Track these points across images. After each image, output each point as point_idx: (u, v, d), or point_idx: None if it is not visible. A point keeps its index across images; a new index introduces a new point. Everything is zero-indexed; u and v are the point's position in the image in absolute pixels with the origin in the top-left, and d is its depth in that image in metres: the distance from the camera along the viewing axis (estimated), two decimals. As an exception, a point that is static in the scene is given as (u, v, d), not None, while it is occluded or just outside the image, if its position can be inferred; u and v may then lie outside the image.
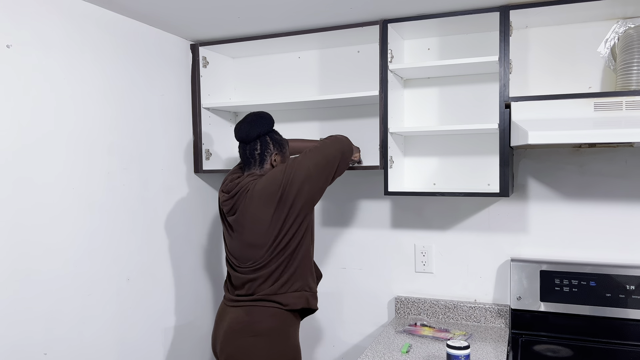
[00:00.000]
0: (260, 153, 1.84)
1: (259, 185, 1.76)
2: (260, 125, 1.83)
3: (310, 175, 1.73)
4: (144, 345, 2.05)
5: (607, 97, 1.72)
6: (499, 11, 1.85)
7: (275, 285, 1.76)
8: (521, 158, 2.11)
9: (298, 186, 1.72)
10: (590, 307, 1.94)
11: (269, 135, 1.85)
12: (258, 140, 1.84)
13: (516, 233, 2.13)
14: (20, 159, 1.57)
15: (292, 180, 1.72)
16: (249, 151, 1.85)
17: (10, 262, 1.54)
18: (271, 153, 1.85)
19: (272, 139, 1.85)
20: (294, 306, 1.76)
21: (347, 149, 1.85)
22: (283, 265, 1.76)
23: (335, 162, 1.80)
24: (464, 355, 1.54)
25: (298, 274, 1.78)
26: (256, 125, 1.83)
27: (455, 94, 2.17)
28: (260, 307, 1.76)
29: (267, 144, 1.84)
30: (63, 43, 1.71)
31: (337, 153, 1.81)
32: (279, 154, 1.87)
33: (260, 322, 1.75)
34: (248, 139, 1.84)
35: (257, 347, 1.74)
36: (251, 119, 1.85)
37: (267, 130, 1.85)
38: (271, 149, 1.85)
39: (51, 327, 1.67)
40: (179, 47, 2.27)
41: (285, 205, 1.72)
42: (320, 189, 1.76)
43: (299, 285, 1.78)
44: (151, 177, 2.09)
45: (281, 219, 1.73)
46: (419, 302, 2.25)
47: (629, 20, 1.91)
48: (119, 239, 1.93)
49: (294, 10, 1.92)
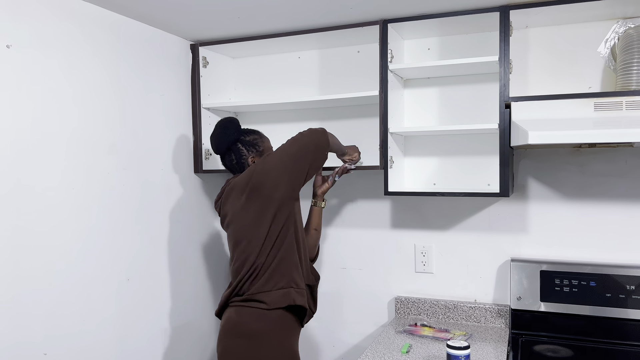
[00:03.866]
0: (237, 161, 1.88)
1: (234, 181, 1.81)
2: (226, 135, 1.86)
3: (286, 167, 1.74)
4: (144, 345, 2.05)
5: (607, 97, 1.72)
6: (499, 11, 1.85)
7: (260, 283, 1.75)
8: (521, 158, 2.11)
9: (273, 177, 1.73)
10: (590, 307, 1.94)
11: (238, 141, 1.88)
12: (230, 150, 1.88)
13: (516, 233, 2.13)
14: (20, 159, 1.57)
15: (265, 171, 1.73)
16: (227, 162, 1.91)
17: (10, 263, 1.54)
18: (247, 157, 1.88)
19: (243, 144, 1.88)
20: (280, 304, 1.73)
21: (322, 139, 1.83)
22: (267, 262, 1.75)
23: (309, 153, 1.78)
24: (464, 356, 1.54)
25: (282, 269, 1.76)
26: (222, 137, 1.86)
27: (455, 94, 2.17)
28: (247, 307, 1.76)
29: (239, 151, 1.88)
30: (63, 43, 1.71)
31: (311, 143, 1.80)
32: (256, 155, 1.89)
33: (247, 323, 1.74)
34: (219, 151, 1.90)
35: (244, 349, 1.72)
36: (217, 130, 1.89)
37: (234, 138, 1.87)
38: (246, 154, 1.88)
39: (51, 327, 1.67)
40: (179, 47, 2.27)
41: (260, 196, 1.73)
42: (297, 180, 1.76)
43: (284, 282, 1.76)
44: (151, 177, 2.09)
45: (257, 211, 1.74)
46: (419, 302, 2.25)
47: (629, 20, 1.91)
48: (119, 239, 1.93)
49: (294, 10, 1.92)
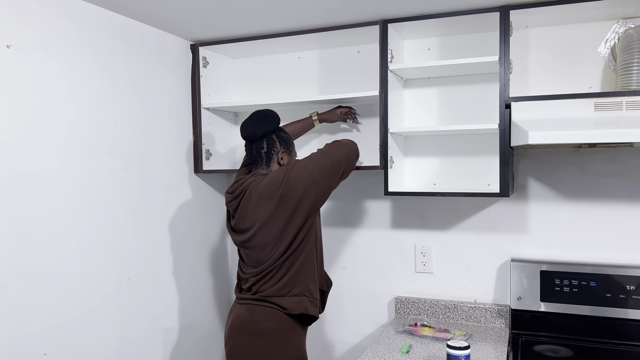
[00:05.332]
0: (267, 152, 1.82)
1: (260, 185, 1.75)
2: (266, 123, 1.82)
3: (315, 179, 1.72)
4: (144, 345, 2.05)
5: (607, 97, 1.72)
6: (499, 11, 1.85)
7: (276, 287, 1.76)
8: (521, 158, 2.11)
9: (302, 190, 1.71)
10: (590, 307, 1.94)
11: (275, 133, 1.84)
12: (265, 139, 1.82)
13: (516, 233, 2.13)
14: (20, 159, 1.57)
15: (295, 183, 1.71)
16: (255, 150, 1.83)
17: (10, 263, 1.54)
18: (278, 151, 1.83)
19: (278, 137, 1.84)
20: (292, 311, 1.76)
21: (353, 155, 1.84)
22: (285, 267, 1.75)
23: (341, 167, 1.78)
24: (464, 356, 1.54)
25: (299, 277, 1.77)
26: (262, 124, 1.81)
27: (455, 94, 2.17)
28: (261, 306, 1.77)
29: (273, 142, 1.83)
30: (63, 43, 1.71)
31: (343, 159, 1.79)
32: (286, 152, 1.85)
33: (260, 321, 1.75)
34: (254, 137, 1.82)
35: (255, 346, 1.74)
36: (257, 116, 1.83)
37: (274, 128, 1.83)
38: (278, 147, 1.83)
39: (51, 327, 1.67)
40: (179, 47, 2.27)
41: (288, 207, 1.71)
42: (324, 193, 1.75)
43: (299, 289, 1.77)
44: (151, 177, 2.09)
45: (284, 220, 1.72)
46: (419, 302, 2.24)
47: (629, 20, 1.91)
48: (119, 239, 1.93)
49: (294, 10, 1.92)
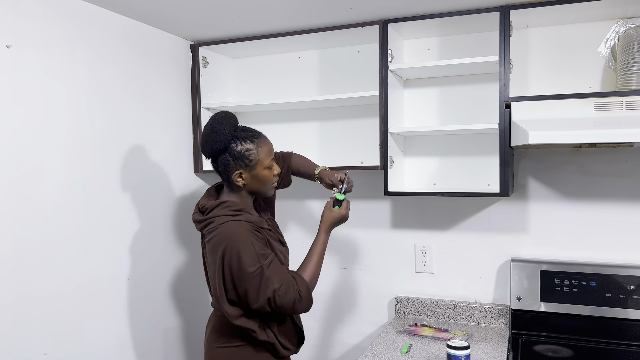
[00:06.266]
0: (223, 170, 1.61)
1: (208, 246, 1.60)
2: (211, 142, 1.57)
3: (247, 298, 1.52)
4: (144, 345, 2.05)
5: (607, 97, 1.72)
6: (499, 11, 1.85)
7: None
8: (521, 158, 2.11)
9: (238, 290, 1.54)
10: (591, 307, 1.94)
11: (227, 151, 1.57)
12: (216, 159, 1.61)
13: (516, 233, 2.13)
14: (20, 159, 1.57)
15: (236, 279, 1.53)
16: (214, 166, 1.65)
17: (10, 263, 1.54)
18: (232, 172, 1.59)
19: (231, 155, 1.57)
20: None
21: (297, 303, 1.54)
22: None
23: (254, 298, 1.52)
24: (464, 356, 1.54)
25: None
26: (208, 143, 1.58)
27: (455, 94, 2.17)
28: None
29: (225, 162, 1.58)
30: (63, 43, 1.71)
31: (263, 300, 1.51)
32: (245, 170, 1.59)
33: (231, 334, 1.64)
34: (205, 155, 1.64)
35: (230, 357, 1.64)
36: (205, 132, 1.60)
37: (221, 147, 1.56)
38: (232, 166, 1.58)
39: (51, 327, 1.67)
40: (179, 47, 2.27)
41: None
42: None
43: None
44: (151, 177, 2.09)
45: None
46: (419, 302, 2.24)
47: (629, 20, 1.91)
48: (119, 239, 1.93)
49: (293, 10, 1.92)
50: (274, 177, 1.67)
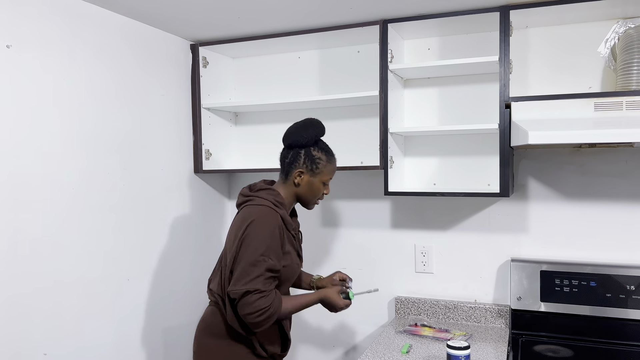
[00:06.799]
0: (288, 163, 1.71)
1: (236, 217, 1.68)
2: (296, 135, 1.69)
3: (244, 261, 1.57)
4: (144, 345, 2.05)
5: (607, 97, 1.72)
6: (499, 11, 1.85)
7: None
8: (521, 158, 2.11)
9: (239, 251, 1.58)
10: (590, 307, 1.94)
11: (304, 149, 1.69)
12: (290, 149, 1.71)
13: (516, 233, 2.13)
14: (20, 159, 1.57)
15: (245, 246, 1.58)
16: (281, 155, 1.75)
17: (10, 263, 1.54)
18: (296, 168, 1.69)
19: (305, 154, 1.69)
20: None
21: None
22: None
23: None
24: (464, 356, 1.54)
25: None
26: (295, 134, 1.69)
27: (455, 94, 2.17)
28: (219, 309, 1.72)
29: (296, 156, 1.69)
30: (63, 43, 1.71)
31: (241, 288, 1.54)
32: (307, 172, 1.69)
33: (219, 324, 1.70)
34: (284, 143, 1.73)
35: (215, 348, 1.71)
36: (296, 125, 1.71)
37: (302, 142, 1.68)
38: (299, 164, 1.69)
39: (51, 327, 1.67)
40: (179, 47, 2.27)
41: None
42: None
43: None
44: (151, 177, 2.09)
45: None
46: (419, 302, 2.24)
47: (629, 20, 1.91)
48: (119, 239, 1.93)
49: (294, 10, 1.92)
50: (322, 195, 1.77)
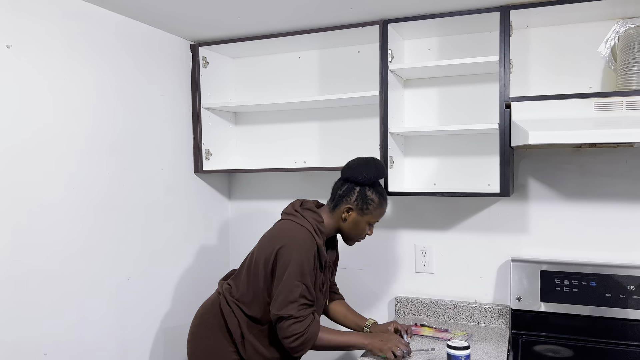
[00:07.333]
0: (340, 195, 1.71)
1: (273, 228, 1.73)
2: (356, 170, 1.69)
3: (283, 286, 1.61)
4: (144, 345, 2.05)
5: (607, 97, 1.72)
6: (499, 11, 1.85)
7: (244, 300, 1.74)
8: (521, 158, 2.11)
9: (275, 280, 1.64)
10: (591, 307, 1.94)
11: (360, 186, 1.69)
12: (346, 183, 1.71)
13: (516, 233, 2.13)
14: (20, 159, 1.57)
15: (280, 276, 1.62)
16: (335, 185, 1.76)
17: (10, 262, 1.54)
18: (346, 203, 1.70)
19: (360, 193, 1.69)
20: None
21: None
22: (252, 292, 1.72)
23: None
24: (464, 356, 1.54)
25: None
26: (355, 170, 1.69)
27: (456, 94, 2.17)
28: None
29: (350, 192, 1.69)
30: (63, 43, 1.71)
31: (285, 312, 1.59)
32: (356, 210, 1.70)
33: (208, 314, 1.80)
34: (341, 174, 1.74)
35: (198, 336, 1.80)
36: (359, 160, 1.72)
37: (359, 180, 1.68)
38: (350, 200, 1.69)
39: (51, 327, 1.67)
40: (179, 47, 2.27)
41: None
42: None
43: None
44: (151, 177, 2.09)
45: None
46: (419, 302, 2.24)
47: (630, 20, 1.91)
48: (119, 239, 1.93)
49: (293, 10, 1.92)
50: (365, 235, 1.78)
